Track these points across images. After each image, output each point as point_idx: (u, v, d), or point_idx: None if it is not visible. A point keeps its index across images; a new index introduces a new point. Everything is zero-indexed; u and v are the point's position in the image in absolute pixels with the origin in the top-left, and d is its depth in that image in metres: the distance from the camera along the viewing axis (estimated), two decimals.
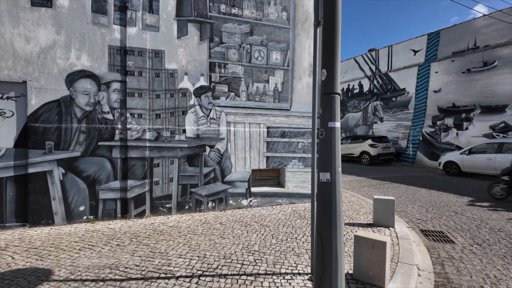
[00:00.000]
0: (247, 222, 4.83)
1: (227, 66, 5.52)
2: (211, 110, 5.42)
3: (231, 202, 5.57)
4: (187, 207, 5.29)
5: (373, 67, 18.47)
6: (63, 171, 4.58)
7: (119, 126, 4.89)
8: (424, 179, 10.73)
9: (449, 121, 14.12)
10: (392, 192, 8.25)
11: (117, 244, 3.89)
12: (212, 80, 5.43)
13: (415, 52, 16.03)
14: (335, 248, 2.36)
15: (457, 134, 13.83)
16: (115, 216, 4.90)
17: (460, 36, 13.84)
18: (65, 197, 4.60)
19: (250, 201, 5.70)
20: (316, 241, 2.49)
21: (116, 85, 4.87)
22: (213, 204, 5.45)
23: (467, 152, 11.16)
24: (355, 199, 6.89)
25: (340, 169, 2.56)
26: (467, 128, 13.48)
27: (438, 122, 14.61)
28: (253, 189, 5.77)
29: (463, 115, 13.60)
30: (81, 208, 4.71)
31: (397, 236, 4.33)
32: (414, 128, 15.83)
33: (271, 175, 6.26)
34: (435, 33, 15.08)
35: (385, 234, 4.38)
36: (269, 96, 5.82)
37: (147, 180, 5.03)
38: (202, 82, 5.35)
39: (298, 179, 6.05)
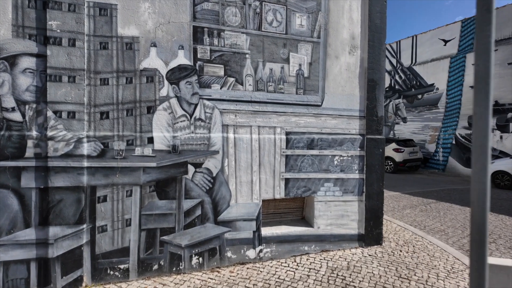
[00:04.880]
0: None
1: (223, 35, 3.41)
2: (196, 105, 3.32)
3: (229, 254, 3.45)
4: (155, 267, 3.18)
5: (394, 61, 16.28)
6: None
7: (34, 133, 2.80)
8: None
9: (491, 121, 11.92)
10: (449, 217, 6.08)
11: None
12: (199, 56, 3.32)
13: (446, 42, 13.81)
14: None
15: (501, 137, 11.61)
16: None
17: (504, 21, 11.62)
18: None
19: (260, 251, 3.58)
20: None
21: (28, 62, 2.79)
22: (200, 259, 3.33)
23: None
24: (410, 235, 4.74)
25: None
26: None
27: None
28: (265, 231, 3.65)
29: (510, 114, 11.38)
30: None
31: None
32: (445, 130, 13.61)
33: (292, 206, 4.13)
34: (471, 18, 12.87)
35: None
36: (290, 84, 3.70)
37: (84, 226, 2.93)
38: (182, 59, 3.25)
39: (334, 213, 3.92)
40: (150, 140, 3.15)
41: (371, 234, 4.07)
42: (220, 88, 3.41)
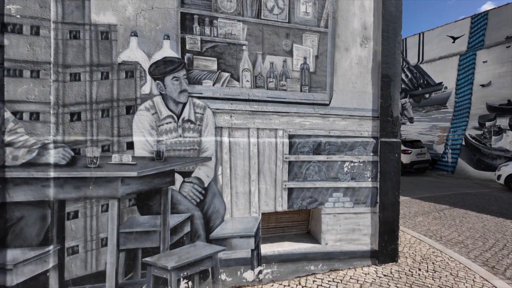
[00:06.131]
0: None
1: (216, 23, 2.95)
2: (185, 105, 2.86)
3: (223, 277, 2.98)
4: None
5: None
6: None
7: None
8: (490, 199, 8.02)
9: (503, 121, 11.37)
10: (466, 226, 5.58)
11: None
12: (188, 47, 2.87)
13: (455, 39, 13.29)
14: None
15: None
16: None
17: None
18: None
19: (260, 272, 3.11)
20: None
21: None
22: (189, 284, 2.87)
23: None
24: (427, 249, 4.26)
25: None
26: None
27: (488, 123, 11.85)
28: (265, 249, 3.19)
29: None
30: None
31: None
32: (455, 130, 13.08)
33: (296, 220, 3.66)
34: (481, 14, 12.34)
35: None
36: (293, 80, 3.24)
37: (51, 247, 2.48)
38: (168, 51, 2.79)
39: (344, 226, 3.45)
40: (130, 146, 2.69)
41: (385, 250, 3.60)
42: (213, 85, 2.95)
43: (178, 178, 2.83)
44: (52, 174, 2.45)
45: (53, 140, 2.48)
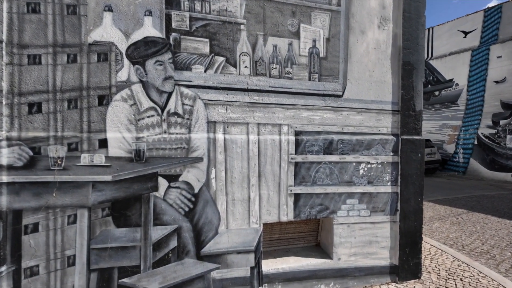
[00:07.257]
0: None
1: None
2: (170, 94, 2.39)
3: None
4: None
5: None
6: None
7: None
8: (509, 202, 7.46)
9: None
10: (488, 233, 5.05)
11: None
12: (174, 26, 2.39)
13: (466, 33, 12.70)
14: None
15: None
16: None
17: None
18: None
19: None
20: None
21: None
22: None
23: None
24: (450, 261, 3.75)
25: None
26: None
27: (502, 122, 11.26)
28: (267, 266, 2.71)
29: None
30: None
31: None
32: (466, 129, 12.49)
33: (303, 230, 3.17)
34: (494, 8, 11.75)
35: None
36: (300, 67, 2.75)
37: (4, 268, 2.02)
38: (149, 29, 2.32)
39: (359, 238, 2.95)
40: (103, 144, 2.22)
41: (406, 265, 3.10)
42: (205, 71, 2.47)
43: (163, 183, 2.36)
44: (4, 178, 1.99)
45: (6, 136, 2.02)
